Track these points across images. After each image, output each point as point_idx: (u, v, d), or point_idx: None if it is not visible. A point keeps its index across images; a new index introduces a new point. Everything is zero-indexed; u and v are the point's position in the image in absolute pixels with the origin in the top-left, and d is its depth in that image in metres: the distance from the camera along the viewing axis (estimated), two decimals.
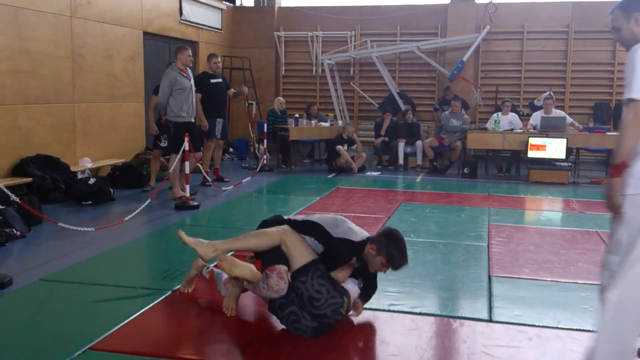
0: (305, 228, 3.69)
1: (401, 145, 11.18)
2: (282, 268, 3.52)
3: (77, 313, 3.87)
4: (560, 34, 12.64)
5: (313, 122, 11.63)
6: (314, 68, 13.84)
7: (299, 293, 3.47)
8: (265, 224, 3.84)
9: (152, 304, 3.95)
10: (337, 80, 13.27)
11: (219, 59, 9.34)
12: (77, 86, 8.77)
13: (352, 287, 3.74)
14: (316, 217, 3.82)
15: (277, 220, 3.83)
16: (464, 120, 10.94)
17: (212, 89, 8.95)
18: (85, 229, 5.88)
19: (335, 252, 3.61)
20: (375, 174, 10.72)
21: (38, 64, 8.00)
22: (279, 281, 3.47)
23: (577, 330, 3.64)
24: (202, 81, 8.78)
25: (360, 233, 3.72)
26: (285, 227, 3.69)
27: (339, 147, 10.73)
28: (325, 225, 3.67)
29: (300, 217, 3.86)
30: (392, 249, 3.54)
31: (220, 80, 9.22)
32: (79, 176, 8.01)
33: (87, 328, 3.57)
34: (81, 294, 4.21)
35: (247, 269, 3.54)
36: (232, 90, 9.85)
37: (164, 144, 8.42)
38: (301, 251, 3.57)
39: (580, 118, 11.82)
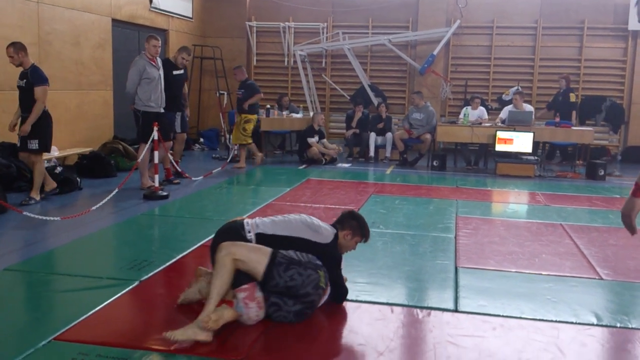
0: (283, 245, 3.66)
1: (372, 137, 11.22)
2: (258, 295, 3.45)
3: (42, 303, 3.83)
4: (528, 30, 12.82)
5: (284, 113, 11.61)
6: (286, 59, 13.80)
7: (276, 291, 3.48)
8: (221, 234, 3.74)
9: (118, 295, 3.92)
10: (309, 72, 13.26)
11: (190, 56, 8.76)
12: None
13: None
14: (283, 222, 3.79)
15: (232, 229, 3.73)
16: (428, 113, 10.84)
17: (172, 82, 8.27)
18: (51, 218, 5.79)
19: (331, 257, 3.76)
20: (346, 165, 10.76)
21: (3, 50, 7.78)
22: (259, 311, 3.46)
23: (539, 320, 3.73)
24: (163, 69, 8.12)
25: (325, 225, 3.87)
26: (227, 246, 3.50)
27: (311, 140, 10.73)
28: (302, 235, 3.72)
29: (265, 225, 3.75)
30: (364, 227, 3.90)
31: (181, 72, 8.65)
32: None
33: (52, 318, 3.54)
34: (46, 284, 4.15)
35: (229, 314, 3.37)
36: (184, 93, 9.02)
37: (33, 145, 6.87)
38: (256, 259, 3.49)
39: (547, 113, 12.03)
